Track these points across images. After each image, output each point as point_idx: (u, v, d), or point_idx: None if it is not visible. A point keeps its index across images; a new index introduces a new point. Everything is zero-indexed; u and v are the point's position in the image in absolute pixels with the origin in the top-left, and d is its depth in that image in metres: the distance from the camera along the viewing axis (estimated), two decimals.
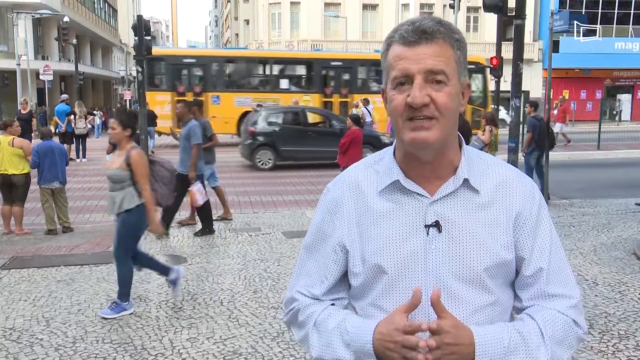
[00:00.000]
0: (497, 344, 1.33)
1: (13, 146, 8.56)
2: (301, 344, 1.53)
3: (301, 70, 24.05)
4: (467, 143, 1.89)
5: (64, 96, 21.40)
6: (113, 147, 9.51)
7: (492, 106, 20.93)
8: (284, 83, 23.28)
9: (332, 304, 1.51)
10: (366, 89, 22.61)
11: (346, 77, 23.34)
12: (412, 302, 1.32)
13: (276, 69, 23.43)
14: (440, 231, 1.41)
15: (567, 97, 32.86)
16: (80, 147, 18.78)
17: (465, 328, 1.33)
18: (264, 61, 23.54)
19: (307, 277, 1.54)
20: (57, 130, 18.53)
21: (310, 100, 22.38)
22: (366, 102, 19.90)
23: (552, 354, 1.37)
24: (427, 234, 1.41)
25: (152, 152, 17.09)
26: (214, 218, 8.81)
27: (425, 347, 1.28)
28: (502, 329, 1.37)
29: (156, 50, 17.71)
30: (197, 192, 8.12)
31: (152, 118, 18.52)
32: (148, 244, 7.98)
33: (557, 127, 15.17)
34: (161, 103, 21.34)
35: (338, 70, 23.38)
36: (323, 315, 1.46)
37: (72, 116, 18.61)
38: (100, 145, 19.87)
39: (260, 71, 23.60)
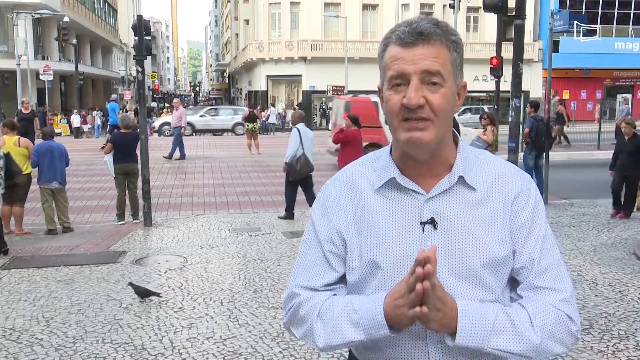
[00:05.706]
0: (482, 320, 1.33)
1: (19, 146, 8.60)
2: (304, 339, 1.50)
3: None
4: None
5: (114, 96, 26.57)
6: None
7: (493, 106, 20.88)
8: None
9: (334, 295, 1.50)
10: None
11: None
12: (417, 264, 1.27)
13: None
14: (435, 228, 1.42)
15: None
16: None
17: (450, 297, 1.33)
18: None
19: (308, 271, 1.53)
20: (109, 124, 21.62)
21: None
22: None
23: (542, 343, 1.36)
24: (423, 230, 1.42)
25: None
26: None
27: (422, 274, 1.24)
28: (489, 307, 1.36)
29: None
30: None
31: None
32: (149, 244, 7.98)
33: None
34: None
35: None
36: (327, 305, 1.45)
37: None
38: (100, 145, 19.92)
39: None
